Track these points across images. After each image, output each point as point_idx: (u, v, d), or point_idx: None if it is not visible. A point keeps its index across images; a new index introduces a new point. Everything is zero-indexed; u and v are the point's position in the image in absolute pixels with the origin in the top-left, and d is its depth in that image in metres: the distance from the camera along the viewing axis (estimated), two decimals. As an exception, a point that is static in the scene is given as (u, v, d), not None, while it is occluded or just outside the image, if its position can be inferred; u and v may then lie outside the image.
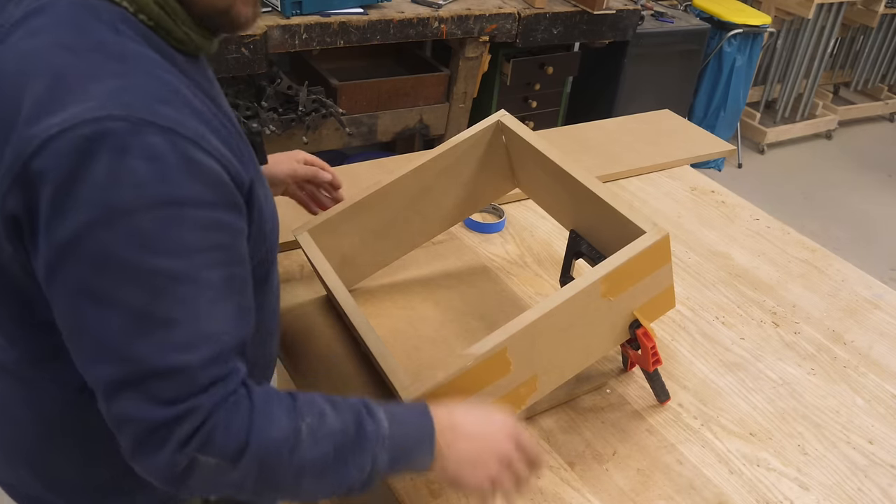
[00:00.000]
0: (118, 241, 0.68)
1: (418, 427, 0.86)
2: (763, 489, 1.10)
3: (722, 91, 3.84)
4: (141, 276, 0.69)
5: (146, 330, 0.70)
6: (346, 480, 0.80)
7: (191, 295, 0.71)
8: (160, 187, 0.68)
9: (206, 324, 0.72)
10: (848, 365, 1.35)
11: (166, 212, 0.69)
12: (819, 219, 3.76)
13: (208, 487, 0.76)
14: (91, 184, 0.67)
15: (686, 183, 1.84)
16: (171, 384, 0.71)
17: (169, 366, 0.70)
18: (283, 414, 0.76)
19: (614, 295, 1.08)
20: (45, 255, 0.70)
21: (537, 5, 2.85)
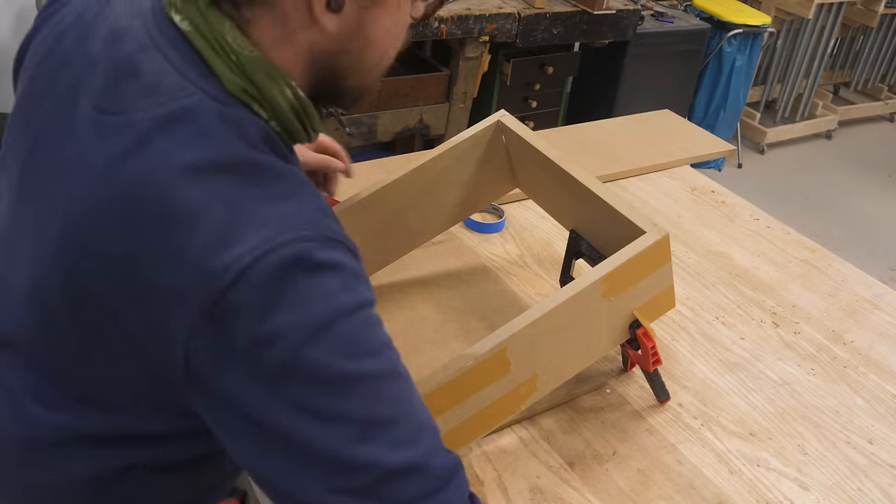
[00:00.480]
0: (325, 354, 0.66)
1: None
2: (763, 489, 1.10)
3: (722, 91, 3.84)
4: (355, 384, 0.68)
5: (372, 435, 0.68)
6: None
7: (399, 389, 0.72)
8: (348, 295, 0.69)
9: (419, 414, 0.73)
10: (848, 365, 1.35)
11: (357, 316, 0.69)
12: (819, 219, 3.76)
13: None
14: (291, 307, 0.65)
15: (686, 183, 1.84)
16: (410, 482, 0.69)
17: (403, 462, 0.69)
18: None
19: (614, 295, 1.08)
20: (240, 388, 0.67)
21: (537, 5, 2.85)
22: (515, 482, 1.07)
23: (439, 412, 1.02)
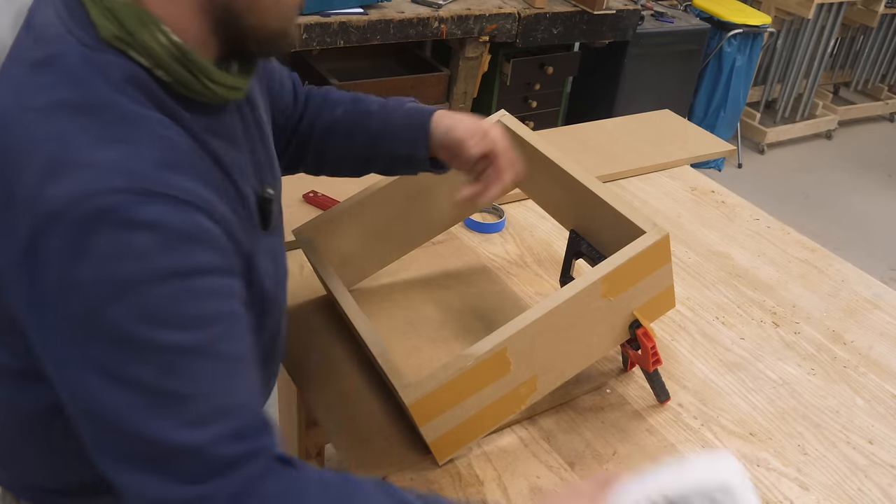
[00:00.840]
0: (124, 316, 0.66)
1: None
2: (763, 489, 1.10)
3: (722, 91, 3.84)
4: (150, 352, 0.67)
5: (159, 407, 0.67)
6: None
7: (204, 369, 0.69)
8: (164, 258, 0.66)
9: (223, 398, 0.70)
10: (848, 365, 1.35)
11: (173, 283, 0.67)
12: (819, 219, 3.76)
13: None
14: (95, 260, 0.65)
15: (686, 183, 1.84)
16: (188, 463, 0.68)
17: (183, 443, 0.68)
18: (310, 487, 0.73)
19: (614, 295, 1.08)
20: (47, 328, 0.69)
21: (537, 5, 2.85)
22: (515, 482, 1.07)
23: (439, 412, 1.02)
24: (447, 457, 1.07)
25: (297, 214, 1.34)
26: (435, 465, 1.07)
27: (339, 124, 1.10)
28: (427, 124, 1.07)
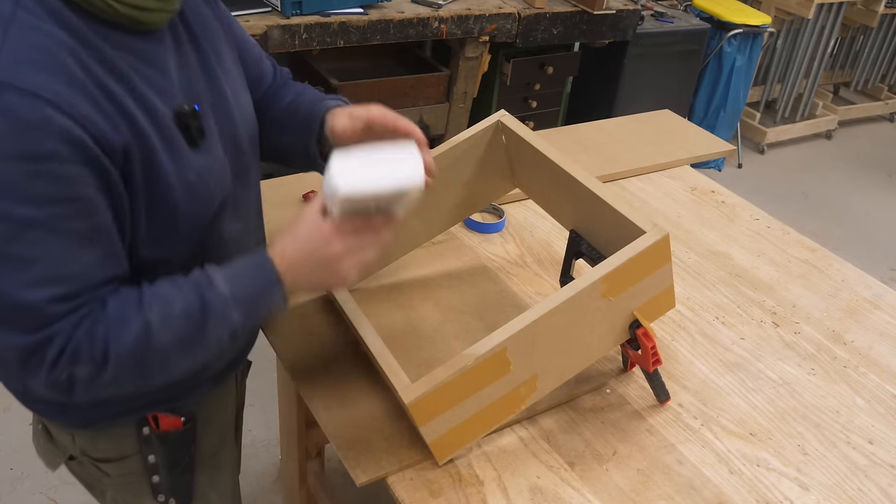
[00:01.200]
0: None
1: (259, 280, 0.91)
2: (763, 489, 1.10)
3: (722, 91, 3.84)
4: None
5: (1, 270, 0.78)
6: (212, 347, 0.90)
7: (45, 240, 0.79)
8: (15, 143, 0.75)
9: (61, 267, 0.80)
10: (848, 365, 1.35)
11: (22, 165, 0.76)
12: (819, 219, 3.77)
13: (91, 392, 0.86)
14: None
15: (686, 183, 1.84)
16: (28, 317, 0.80)
17: (23, 301, 0.79)
18: (132, 314, 0.84)
19: (614, 295, 1.08)
20: None
21: (537, 5, 2.85)
22: (515, 482, 1.07)
23: (439, 412, 1.02)
24: (447, 457, 1.07)
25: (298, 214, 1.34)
26: (435, 465, 1.07)
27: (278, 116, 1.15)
28: (320, 118, 1.08)
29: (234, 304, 0.88)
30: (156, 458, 1.10)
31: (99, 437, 1.08)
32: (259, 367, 2.49)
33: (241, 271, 0.91)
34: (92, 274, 0.83)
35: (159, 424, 1.07)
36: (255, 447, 2.24)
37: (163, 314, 0.85)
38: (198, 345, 0.88)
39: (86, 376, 0.83)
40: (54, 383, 0.83)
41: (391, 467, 1.06)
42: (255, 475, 2.17)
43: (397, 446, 1.09)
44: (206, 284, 0.88)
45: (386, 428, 1.11)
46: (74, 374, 0.83)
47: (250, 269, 0.91)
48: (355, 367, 1.21)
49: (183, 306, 0.86)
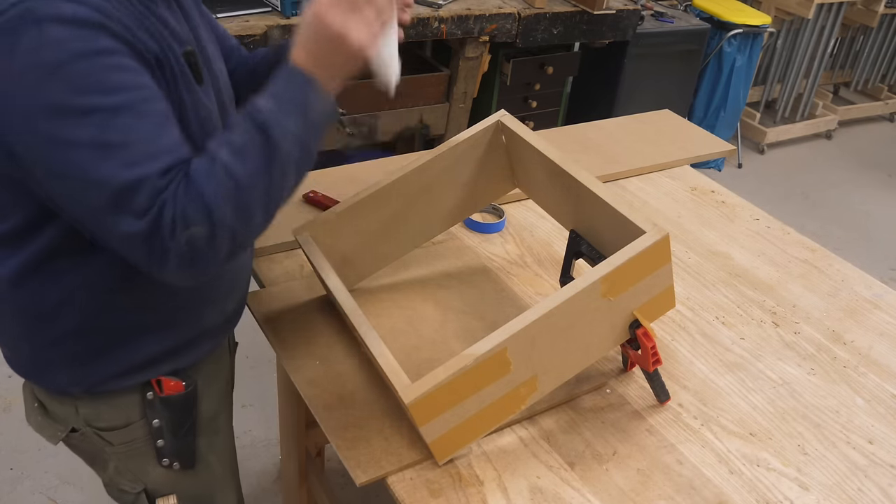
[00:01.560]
0: (58, 91, 0.81)
1: (294, 84, 0.94)
2: (763, 489, 1.10)
3: (722, 91, 3.84)
4: (87, 115, 0.82)
5: (104, 157, 0.83)
6: (289, 164, 0.92)
7: (134, 123, 0.84)
8: (78, 43, 0.81)
9: (156, 142, 0.86)
10: (848, 365, 1.35)
11: (92, 60, 0.82)
12: (819, 219, 3.77)
13: (217, 256, 0.89)
14: (24, 54, 0.80)
15: (686, 183, 1.84)
16: (137, 195, 0.84)
17: (128, 179, 0.83)
18: (208, 165, 0.88)
19: (614, 295, 1.08)
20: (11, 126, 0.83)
21: (537, 5, 2.85)
22: (515, 482, 1.07)
23: (439, 412, 1.02)
24: (447, 457, 1.07)
25: (297, 214, 1.34)
26: (435, 465, 1.07)
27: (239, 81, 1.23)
28: None
29: (283, 113, 0.92)
30: (160, 421, 1.13)
31: (102, 405, 1.10)
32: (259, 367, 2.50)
33: (274, 85, 0.95)
34: (180, 150, 0.88)
35: (163, 388, 1.10)
36: (255, 447, 2.24)
37: (230, 151, 0.89)
38: (275, 164, 0.91)
39: (203, 236, 0.87)
40: (180, 257, 0.86)
41: (391, 467, 1.06)
42: (255, 475, 2.17)
43: (397, 446, 1.09)
44: (251, 111, 0.92)
45: (386, 428, 1.11)
46: (193, 238, 0.86)
47: (281, 80, 0.95)
48: (355, 367, 1.21)
49: (243, 137, 0.90)
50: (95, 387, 1.07)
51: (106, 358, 1.05)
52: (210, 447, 1.23)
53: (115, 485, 1.20)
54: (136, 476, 1.18)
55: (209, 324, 1.14)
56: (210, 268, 0.90)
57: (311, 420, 1.62)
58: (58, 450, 2.16)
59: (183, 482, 1.21)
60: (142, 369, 1.09)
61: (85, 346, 1.04)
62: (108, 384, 1.08)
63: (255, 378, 2.38)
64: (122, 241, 0.87)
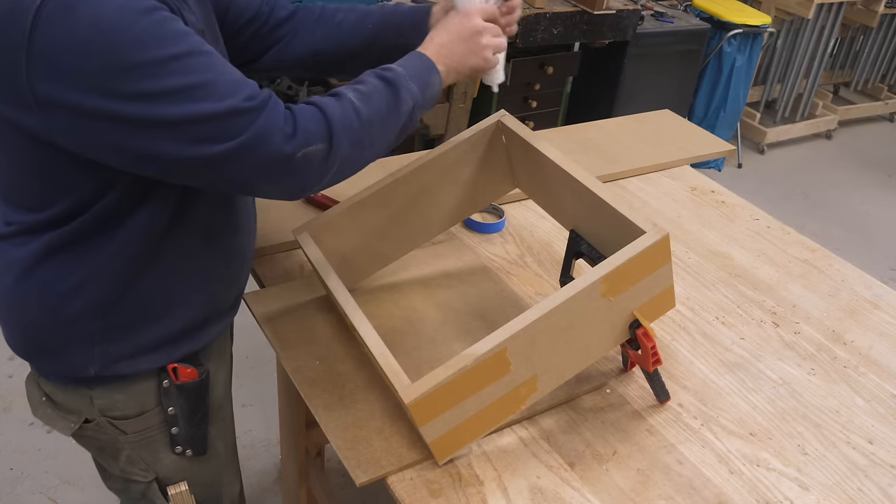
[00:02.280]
0: (135, 51, 0.83)
1: (421, 63, 1.10)
2: (763, 489, 1.10)
3: (722, 91, 3.84)
4: (166, 65, 0.85)
5: (196, 96, 0.87)
6: (400, 117, 1.05)
7: (207, 61, 0.89)
8: (135, 3, 0.84)
9: (231, 75, 0.91)
10: (848, 365, 1.35)
11: (149, 16, 0.85)
12: (819, 219, 3.77)
13: (324, 171, 0.98)
14: (88, 19, 0.81)
15: (686, 183, 1.84)
16: (236, 121, 0.89)
17: (229, 107, 0.88)
18: (334, 100, 0.99)
19: (614, 295, 1.08)
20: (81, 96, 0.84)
21: (537, 5, 2.85)
22: (515, 482, 1.07)
23: (439, 412, 1.02)
24: (447, 457, 1.07)
25: (297, 214, 1.34)
26: (435, 465, 1.07)
27: (343, 24, 1.29)
28: (428, 15, 1.27)
29: (409, 79, 1.06)
30: (175, 409, 1.15)
31: (117, 394, 1.12)
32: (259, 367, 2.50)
33: (405, 62, 1.09)
34: (250, 80, 0.93)
35: (178, 376, 1.13)
36: (255, 447, 2.24)
37: (357, 94, 1.01)
38: (390, 116, 1.04)
39: (319, 154, 0.95)
40: (293, 166, 0.93)
41: (391, 467, 1.06)
42: (255, 475, 2.17)
43: (397, 446, 1.09)
44: (382, 70, 1.06)
45: (386, 428, 1.11)
46: (310, 154, 0.94)
47: (411, 58, 1.10)
48: (355, 368, 1.21)
49: (371, 85, 1.03)
50: (111, 367, 1.08)
51: (123, 337, 1.07)
52: (218, 434, 1.26)
53: (125, 475, 1.21)
54: (148, 465, 1.20)
55: (219, 303, 1.17)
56: (314, 185, 0.99)
57: (311, 420, 1.62)
58: (58, 450, 2.17)
59: (193, 469, 1.23)
60: (157, 350, 1.10)
61: (104, 324, 1.05)
62: (124, 366, 1.09)
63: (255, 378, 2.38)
64: (222, 162, 0.91)
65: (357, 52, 1.29)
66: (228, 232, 1.15)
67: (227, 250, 1.16)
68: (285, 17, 1.28)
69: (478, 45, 1.14)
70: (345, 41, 1.28)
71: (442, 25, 1.15)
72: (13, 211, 1.02)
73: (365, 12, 1.29)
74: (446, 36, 1.13)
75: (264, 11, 1.26)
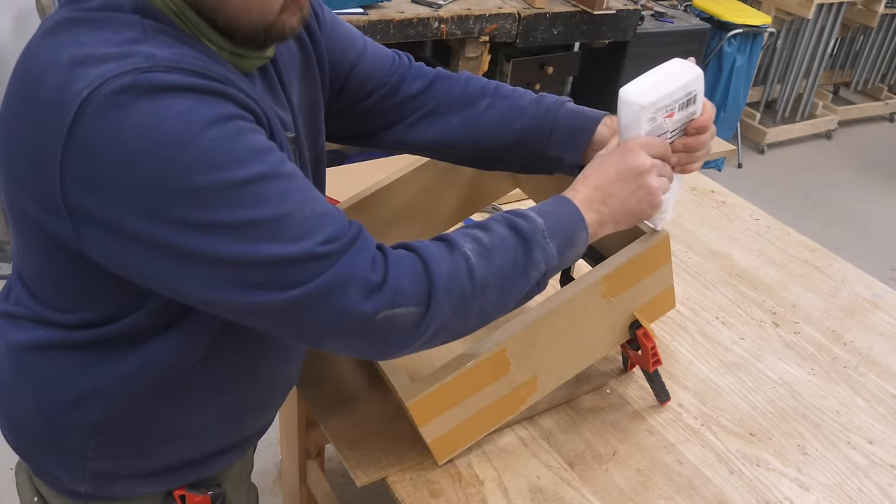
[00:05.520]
0: (188, 170, 0.69)
1: (566, 213, 0.90)
2: (763, 489, 1.10)
3: (722, 91, 3.84)
4: (230, 192, 0.70)
5: (264, 233, 0.72)
6: (526, 283, 0.86)
7: (285, 187, 0.74)
8: (202, 111, 0.70)
9: (310, 208, 0.75)
10: (848, 365, 1.35)
11: (220, 127, 0.71)
12: (819, 219, 3.76)
13: (415, 337, 0.81)
14: (140, 130, 0.68)
15: (686, 183, 1.84)
16: (311, 265, 0.73)
17: (302, 252, 0.73)
18: (446, 252, 0.81)
19: (614, 295, 1.08)
20: (120, 215, 0.71)
21: (537, 5, 2.85)
22: (515, 482, 1.07)
23: (439, 412, 1.02)
24: (447, 457, 1.07)
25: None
26: (435, 465, 1.07)
27: (487, 115, 1.09)
28: (592, 131, 1.06)
29: (549, 235, 0.87)
30: None
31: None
32: (259, 367, 2.50)
33: (547, 208, 0.90)
34: (334, 208, 0.78)
35: (186, 503, 0.98)
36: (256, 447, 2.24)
37: (478, 246, 0.82)
38: (513, 280, 0.84)
39: (409, 317, 0.78)
40: (372, 330, 0.77)
41: (391, 467, 1.06)
42: (255, 475, 2.17)
43: (397, 446, 1.09)
44: (514, 217, 0.86)
45: (386, 428, 1.11)
46: (395, 317, 0.77)
47: (556, 204, 0.90)
48: (355, 367, 1.21)
49: (497, 237, 0.84)
50: (104, 489, 0.93)
51: (122, 457, 0.92)
52: None
53: None
54: None
55: (248, 431, 1.03)
56: (396, 352, 0.83)
57: (311, 420, 1.62)
58: (58, 450, 2.17)
59: None
60: (165, 474, 0.95)
61: (100, 441, 0.90)
62: (120, 488, 0.94)
63: (255, 378, 2.38)
64: (276, 313, 0.75)
65: (497, 155, 1.10)
66: (275, 365, 0.98)
67: (269, 382, 0.99)
68: (416, 93, 1.10)
69: (643, 187, 0.93)
70: (485, 137, 1.08)
71: (600, 162, 0.94)
72: (28, 297, 0.88)
73: (516, 105, 1.08)
74: (604, 177, 0.92)
75: (389, 83, 1.09)
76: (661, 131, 0.98)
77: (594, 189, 0.92)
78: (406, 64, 1.13)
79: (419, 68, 1.13)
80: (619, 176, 0.92)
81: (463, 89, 1.10)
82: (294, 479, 1.79)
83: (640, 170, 0.93)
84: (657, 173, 0.94)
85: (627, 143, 0.94)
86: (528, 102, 1.08)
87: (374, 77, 1.08)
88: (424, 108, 1.09)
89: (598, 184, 0.92)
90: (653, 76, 0.97)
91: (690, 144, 1.00)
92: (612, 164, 0.93)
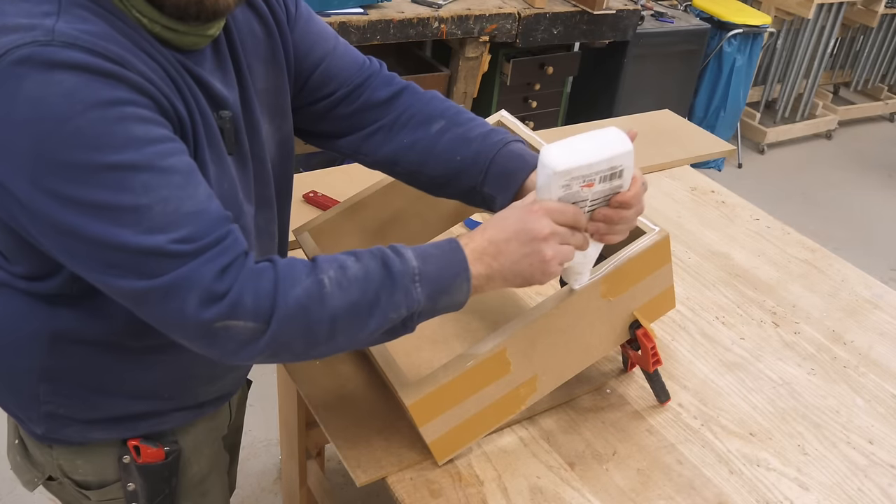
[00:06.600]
0: (65, 147, 0.73)
1: (450, 260, 0.88)
2: (763, 489, 1.10)
3: (722, 91, 3.84)
4: (98, 174, 0.74)
5: (119, 220, 0.75)
6: (384, 322, 0.85)
7: (154, 181, 0.76)
8: (89, 92, 0.73)
9: (180, 203, 0.77)
10: (848, 365, 1.35)
11: (103, 111, 0.73)
12: (819, 219, 3.76)
13: (245, 353, 0.81)
14: (28, 101, 0.72)
15: (686, 183, 1.84)
16: (152, 262, 0.76)
17: (154, 245, 0.75)
18: (304, 273, 0.81)
19: (614, 295, 1.08)
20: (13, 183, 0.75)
21: (537, 5, 2.85)
22: (515, 482, 1.07)
23: (439, 412, 1.02)
24: (447, 457, 1.07)
25: (297, 214, 1.34)
26: (435, 465, 1.07)
27: (436, 140, 1.07)
28: (525, 177, 1.03)
29: (421, 280, 0.85)
30: (135, 486, 1.03)
31: (78, 459, 1.01)
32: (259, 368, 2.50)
33: (431, 252, 0.88)
34: (210, 209, 0.79)
35: (140, 454, 1.01)
36: (255, 447, 2.24)
37: (338, 276, 0.82)
38: (367, 317, 0.84)
39: (244, 333, 0.79)
40: (208, 335, 0.79)
41: (391, 467, 1.06)
42: (255, 475, 2.17)
43: (397, 446, 1.09)
44: (391, 254, 0.85)
45: (386, 428, 1.11)
46: (231, 328, 0.78)
47: (443, 250, 0.88)
48: (355, 367, 1.21)
49: (363, 271, 0.83)
50: (59, 432, 0.97)
51: (72, 404, 0.96)
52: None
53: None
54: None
55: (202, 397, 1.05)
56: (238, 360, 0.83)
57: (311, 420, 1.62)
58: (58, 450, 2.17)
59: None
60: (117, 423, 0.99)
61: (49, 388, 0.94)
62: (74, 432, 0.98)
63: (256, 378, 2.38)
64: (129, 298, 0.79)
65: (439, 183, 1.08)
66: None
67: None
68: (379, 102, 1.07)
69: (536, 253, 0.90)
70: (428, 162, 1.06)
71: (504, 215, 0.92)
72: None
73: (465, 135, 1.05)
74: (502, 233, 0.90)
75: (352, 85, 1.07)
76: (577, 199, 0.93)
77: (489, 242, 0.90)
78: (375, 70, 1.10)
79: (389, 77, 1.10)
80: (516, 236, 0.90)
81: (423, 107, 1.08)
82: (294, 479, 1.79)
83: (537, 235, 0.90)
84: (557, 241, 0.91)
85: (533, 205, 0.91)
86: (476, 135, 1.05)
87: (338, 78, 1.07)
88: (383, 119, 1.08)
89: (493, 238, 0.90)
90: (581, 142, 0.91)
91: (610, 217, 0.96)
92: (513, 222, 0.91)
